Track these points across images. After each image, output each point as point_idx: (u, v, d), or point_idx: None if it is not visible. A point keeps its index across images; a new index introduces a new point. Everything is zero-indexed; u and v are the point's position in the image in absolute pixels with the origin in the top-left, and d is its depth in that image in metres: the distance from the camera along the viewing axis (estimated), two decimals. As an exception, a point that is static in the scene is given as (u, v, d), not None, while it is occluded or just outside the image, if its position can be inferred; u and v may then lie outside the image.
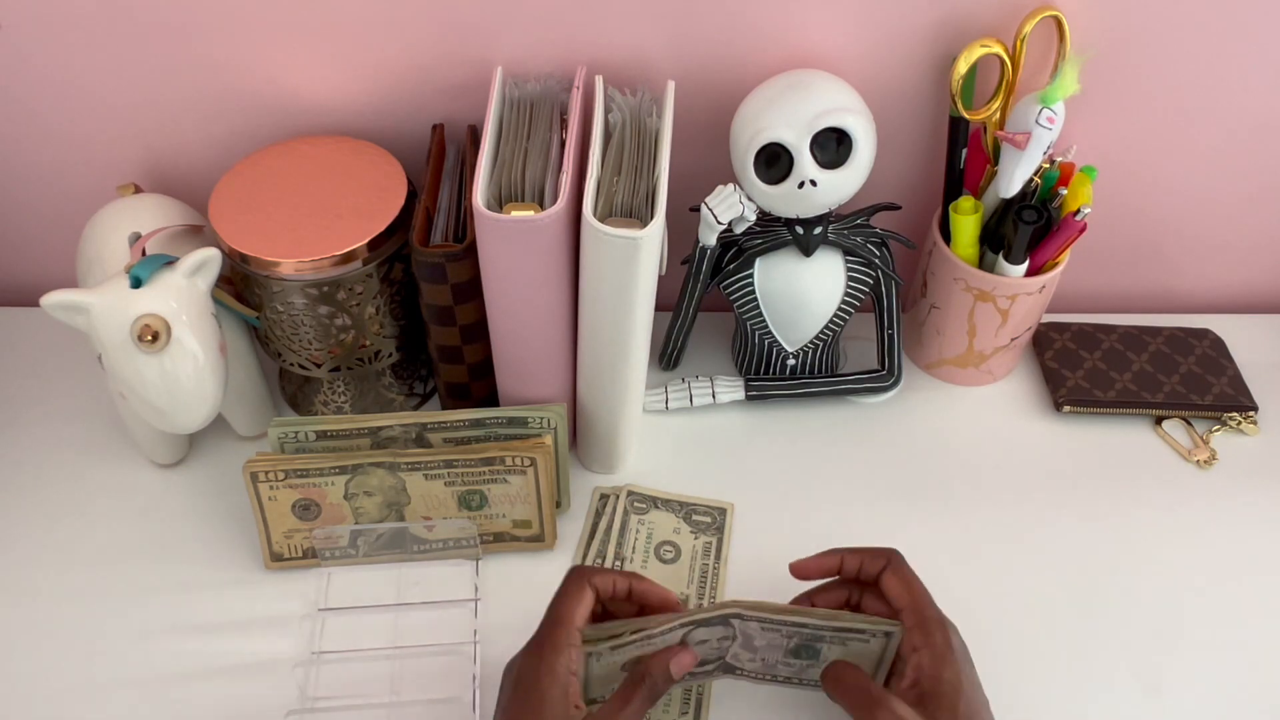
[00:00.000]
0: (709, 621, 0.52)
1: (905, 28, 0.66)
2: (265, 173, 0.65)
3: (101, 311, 0.55)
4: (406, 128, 0.70)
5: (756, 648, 0.55)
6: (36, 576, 0.64)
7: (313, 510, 0.62)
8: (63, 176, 0.74)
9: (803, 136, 0.62)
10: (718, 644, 0.54)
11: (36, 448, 0.71)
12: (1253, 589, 0.65)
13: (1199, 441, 0.73)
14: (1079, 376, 0.76)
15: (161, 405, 0.57)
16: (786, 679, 0.57)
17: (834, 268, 0.69)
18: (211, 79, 0.68)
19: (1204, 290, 0.84)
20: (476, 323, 0.64)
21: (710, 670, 0.56)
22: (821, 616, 0.53)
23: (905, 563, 0.56)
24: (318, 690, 0.59)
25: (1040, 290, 0.70)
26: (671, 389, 0.74)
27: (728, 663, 0.56)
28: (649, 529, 0.66)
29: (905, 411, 0.75)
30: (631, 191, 0.58)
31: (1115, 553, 0.67)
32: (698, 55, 0.67)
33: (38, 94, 0.69)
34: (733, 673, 0.57)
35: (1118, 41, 0.67)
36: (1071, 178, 0.67)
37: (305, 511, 0.62)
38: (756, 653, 0.55)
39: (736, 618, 0.52)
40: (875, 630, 0.53)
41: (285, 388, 0.75)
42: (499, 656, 0.54)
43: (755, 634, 0.53)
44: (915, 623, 0.53)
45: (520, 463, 0.61)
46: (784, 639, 0.54)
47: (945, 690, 0.51)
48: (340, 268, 0.61)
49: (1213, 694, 0.60)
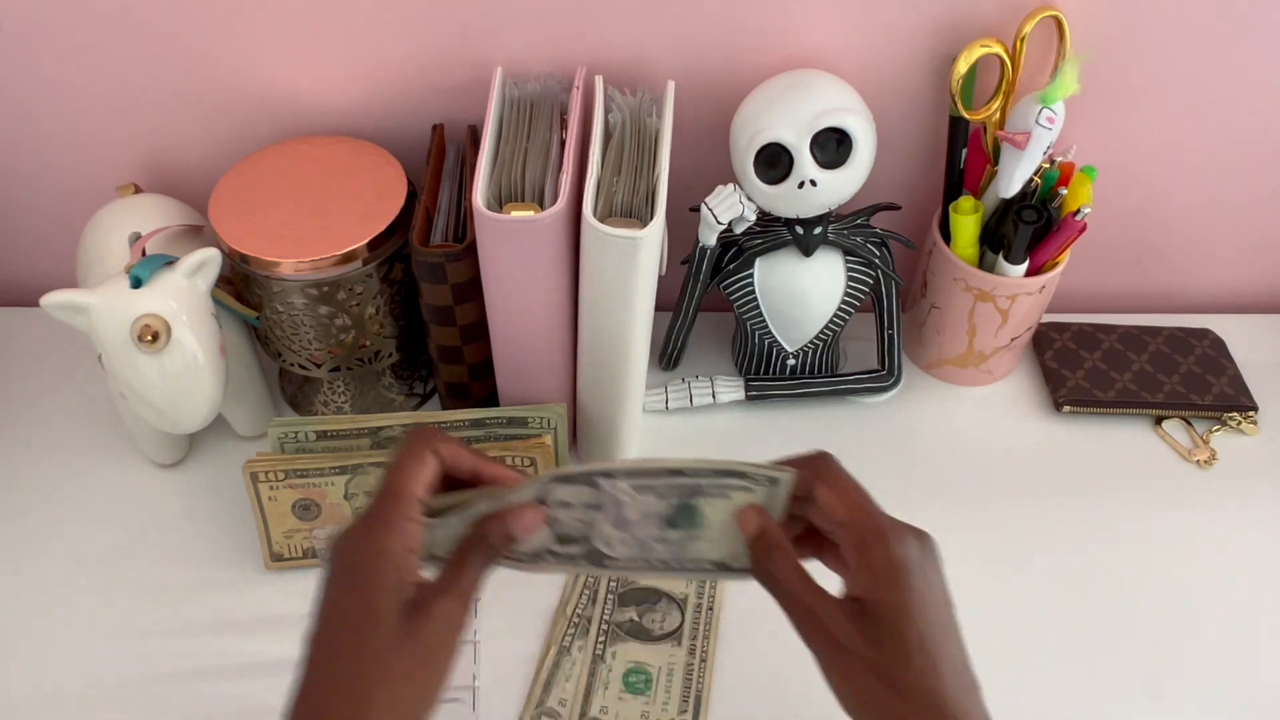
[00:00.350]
0: (571, 478, 0.46)
1: (905, 28, 0.66)
2: (265, 173, 0.65)
3: (101, 311, 0.55)
4: (406, 128, 0.70)
5: (629, 522, 0.47)
6: (36, 576, 0.64)
7: (313, 510, 0.62)
8: (63, 176, 0.74)
9: (803, 136, 0.62)
10: (583, 512, 0.47)
11: (36, 448, 0.71)
12: (1253, 589, 0.65)
13: (1199, 441, 0.73)
14: (1079, 376, 0.76)
15: (161, 405, 0.57)
16: (665, 564, 0.49)
17: (834, 268, 0.69)
18: (212, 79, 0.68)
19: (1204, 290, 0.84)
20: (476, 323, 0.64)
21: (574, 557, 0.49)
22: (697, 461, 0.46)
23: (837, 467, 0.47)
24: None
25: (1040, 290, 0.70)
26: (671, 389, 0.74)
27: (596, 549, 0.48)
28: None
29: (905, 411, 0.75)
30: (631, 191, 0.58)
31: (1115, 552, 0.67)
32: (698, 55, 0.67)
33: (38, 94, 0.69)
34: (602, 565, 0.49)
35: (1118, 41, 0.67)
36: (1071, 178, 0.67)
37: (305, 512, 0.62)
38: (630, 529, 0.48)
39: (604, 475, 0.46)
40: (760, 475, 0.46)
41: (285, 388, 0.75)
42: (496, 655, 0.54)
43: (626, 501, 0.47)
44: (854, 539, 0.45)
45: (520, 463, 0.61)
46: (658, 500, 0.47)
47: (885, 614, 0.43)
48: (340, 268, 0.61)
49: (1213, 694, 0.60)
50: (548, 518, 0.47)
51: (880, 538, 0.44)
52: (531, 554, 0.48)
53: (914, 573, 0.43)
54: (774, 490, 0.47)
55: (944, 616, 0.44)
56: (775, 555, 0.46)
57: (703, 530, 0.48)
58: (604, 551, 0.49)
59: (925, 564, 0.44)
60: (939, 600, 0.44)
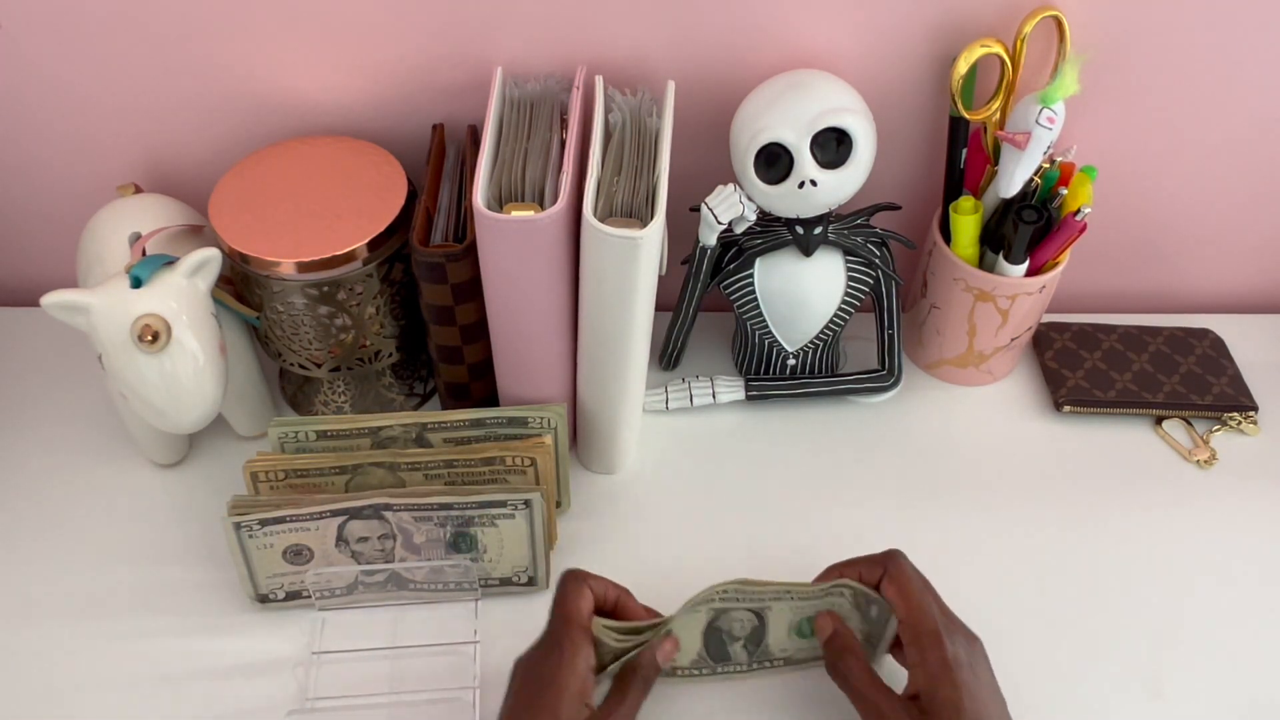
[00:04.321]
0: (360, 512, 0.56)
1: (905, 28, 0.66)
2: (265, 173, 0.65)
3: (102, 311, 0.55)
4: (406, 128, 0.70)
5: (418, 546, 0.57)
6: (36, 576, 0.64)
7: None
8: (63, 176, 0.74)
9: (803, 136, 0.62)
10: (379, 543, 0.58)
11: (36, 448, 0.71)
12: (1253, 588, 0.65)
13: (1199, 441, 0.73)
14: (1079, 376, 0.76)
15: (161, 405, 0.57)
16: (459, 585, 0.59)
17: (834, 268, 0.69)
18: (212, 79, 0.68)
19: (1204, 290, 0.84)
20: (476, 323, 0.64)
21: (383, 583, 0.58)
22: (460, 494, 0.56)
23: (904, 567, 0.55)
24: (318, 689, 0.59)
25: (1040, 290, 0.70)
26: (671, 389, 0.74)
27: (399, 574, 0.59)
28: None
29: (905, 411, 0.75)
30: (631, 191, 0.58)
31: (1115, 553, 0.67)
32: (698, 55, 0.67)
33: (38, 94, 0.69)
34: (407, 587, 0.59)
35: (1118, 41, 0.67)
36: (1071, 178, 0.67)
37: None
38: (420, 553, 0.58)
39: (386, 509, 0.56)
40: (515, 500, 0.56)
41: (285, 388, 0.75)
42: (496, 655, 0.54)
43: (411, 528, 0.56)
44: (911, 638, 0.52)
45: (520, 463, 0.61)
46: (439, 528, 0.56)
47: (941, 708, 0.49)
48: (340, 268, 0.61)
49: (1213, 693, 0.60)
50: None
51: (936, 641, 0.50)
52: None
53: (963, 669, 0.50)
54: (530, 511, 0.56)
55: (993, 708, 0.50)
56: (846, 657, 0.54)
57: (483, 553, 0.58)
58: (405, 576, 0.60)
59: (975, 662, 0.51)
60: (988, 695, 0.50)
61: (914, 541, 0.58)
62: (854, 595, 0.56)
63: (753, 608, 0.56)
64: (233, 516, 0.57)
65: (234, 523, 0.57)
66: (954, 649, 0.51)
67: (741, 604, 0.55)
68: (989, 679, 0.51)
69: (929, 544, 0.60)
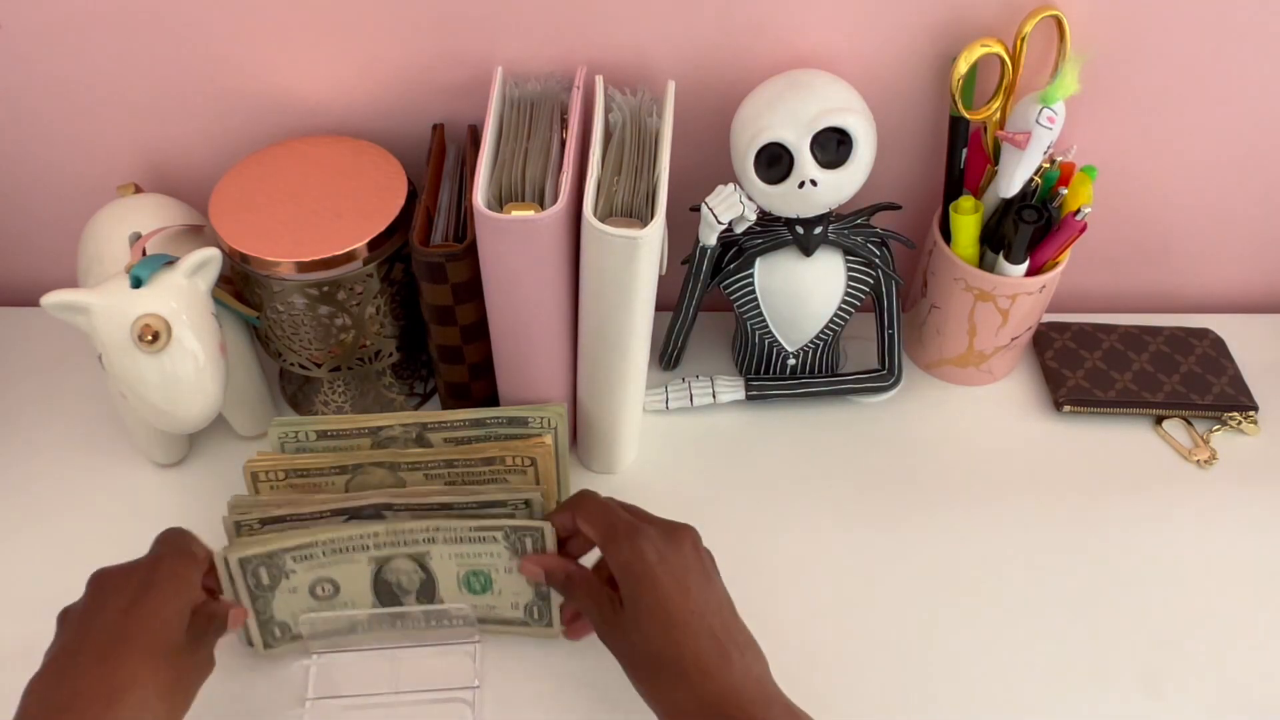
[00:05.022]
0: (360, 512, 0.57)
1: (905, 28, 0.66)
2: (265, 173, 0.65)
3: (102, 311, 0.55)
4: (406, 128, 0.70)
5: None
6: (36, 576, 0.64)
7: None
8: (63, 176, 0.74)
9: (803, 136, 0.62)
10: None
11: (36, 448, 0.71)
12: (1253, 588, 0.65)
13: (1199, 441, 0.73)
14: (1079, 376, 0.76)
15: (161, 405, 0.57)
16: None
17: (834, 268, 0.69)
18: (212, 79, 0.68)
19: (1204, 290, 0.84)
20: (476, 323, 0.64)
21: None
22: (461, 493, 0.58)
23: (587, 499, 0.56)
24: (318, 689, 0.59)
25: (1040, 290, 0.70)
26: (671, 389, 0.74)
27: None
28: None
29: (905, 411, 0.75)
30: (631, 191, 0.58)
31: (1115, 552, 0.67)
32: (698, 55, 0.67)
33: (38, 94, 0.69)
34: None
35: (1118, 41, 0.67)
36: (1071, 178, 0.67)
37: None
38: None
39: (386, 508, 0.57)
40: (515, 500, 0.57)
41: (285, 388, 0.75)
42: (497, 655, 0.54)
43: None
44: (609, 554, 0.53)
45: (520, 463, 0.61)
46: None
47: (627, 602, 0.51)
48: (340, 268, 0.61)
49: (1213, 693, 0.60)
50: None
51: (614, 543, 0.52)
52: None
53: (649, 564, 0.51)
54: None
55: (710, 595, 0.52)
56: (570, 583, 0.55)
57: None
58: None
59: (667, 554, 0.52)
60: (677, 583, 0.51)
61: (913, 541, 0.58)
62: (506, 536, 0.56)
63: (412, 554, 0.57)
64: (233, 516, 0.57)
65: (234, 522, 0.57)
66: (639, 545, 0.52)
67: (399, 548, 0.57)
68: (682, 566, 0.52)
69: (928, 543, 0.60)
